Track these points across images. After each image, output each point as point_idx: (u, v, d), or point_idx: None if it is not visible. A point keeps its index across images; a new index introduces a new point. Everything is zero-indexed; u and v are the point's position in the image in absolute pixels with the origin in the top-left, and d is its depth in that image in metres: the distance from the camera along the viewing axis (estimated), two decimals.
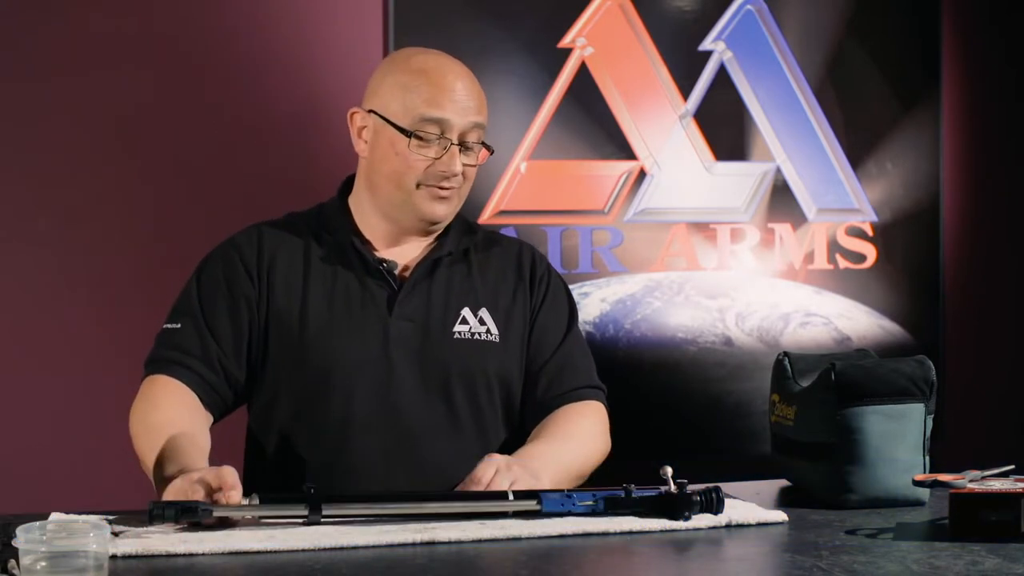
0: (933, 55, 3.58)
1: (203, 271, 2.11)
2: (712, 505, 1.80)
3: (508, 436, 2.12)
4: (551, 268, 2.23)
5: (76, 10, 3.03)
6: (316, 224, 2.13)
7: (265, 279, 2.07)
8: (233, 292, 2.06)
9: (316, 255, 2.09)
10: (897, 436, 1.94)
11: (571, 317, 2.20)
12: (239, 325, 2.05)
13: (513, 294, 2.15)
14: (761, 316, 3.47)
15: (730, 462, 3.33)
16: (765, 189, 3.46)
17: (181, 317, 2.06)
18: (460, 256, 2.14)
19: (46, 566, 1.40)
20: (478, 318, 2.11)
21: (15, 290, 3.02)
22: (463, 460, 2.01)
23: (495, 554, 1.65)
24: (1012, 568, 1.54)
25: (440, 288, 2.10)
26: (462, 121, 2.05)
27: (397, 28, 3.17)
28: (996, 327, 3.69)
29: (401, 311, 2.06)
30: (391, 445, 2.03)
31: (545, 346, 2.15)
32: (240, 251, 2.09)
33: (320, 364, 2.04)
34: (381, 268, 2.08)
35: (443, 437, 2.06)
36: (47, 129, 3.02)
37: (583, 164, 3.33)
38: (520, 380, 2.14)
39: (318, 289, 2.07)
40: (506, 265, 2.18)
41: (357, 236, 2.10)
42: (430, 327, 2.07)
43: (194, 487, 1.75)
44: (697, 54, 3.41)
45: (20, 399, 3.02)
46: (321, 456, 2.02)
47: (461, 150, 2.06)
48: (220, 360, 2.03)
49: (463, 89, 2.06)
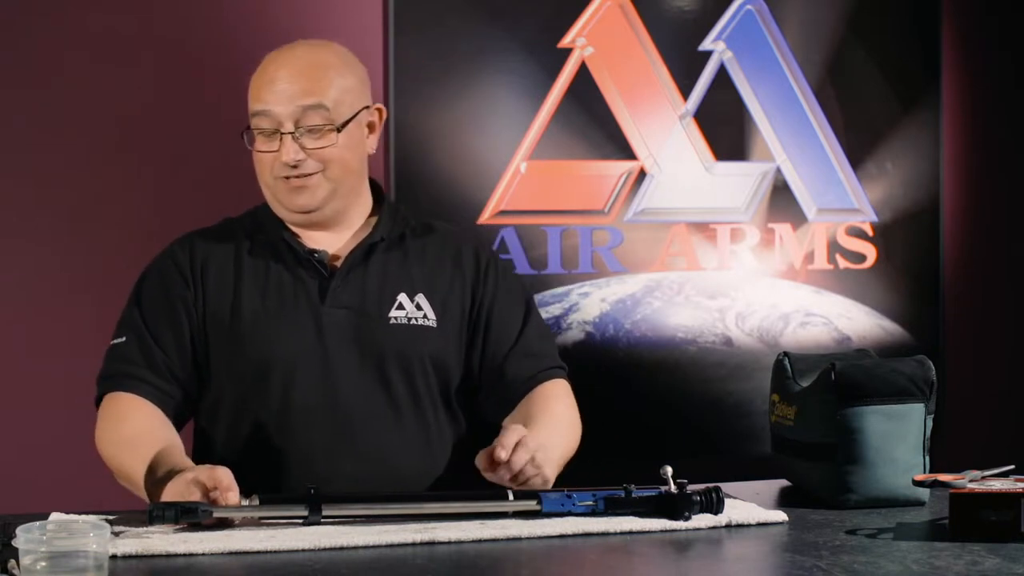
0: (933, 55, 3.58)
1: (142, 284, 2.14)
2: (712, 505, 1.80)
3: (446, 423, 2.13)
4: (496, 257, 2.23)
5: (75, 9, 3.03)
6: (251, 225, 2.16)
7: (200, 281, 2.09)
8: (171, 299, 2.09)
9: (249, 254, 2.11)
10: (897, 436, 1.94)
11: (526, 301, 2.21)
12: (180, 330, 2.07)
13: (451, 281, 2.15)
14: (761, 316, 3.47)
15: (730, 462, 3.33)
16: (765, 189, 3.46)
17: (126, 331, 2.09)
18: (395, 242, 2.14)
19: (46, 566, 1.40)
20: (415, 303, 2.11)
21: (15, 289, 3.02)
22: (404, 447, 2.05)
23: (495, 554, 1.65)
24: (1012, 568, 1.54)
25: (375, 274, 2.10)
26: (287, 108, 2.04)
27: (397, 28, 3.17)
28: (996, 327, 3.69)
29: (334, 299, 2.07)
30: (332, 434, 2.04)
31: (506, 336, 2.15)
32: (174, 258, 2.12)
33: (256, 357, 2.05)
34: (312, 258, 2.09)
35: (383, 424, 2.06)
36: (47, 129, 3.02)
37: (583, 164, 3.33)
38: (458, 370, 2.14)
39: (250, 285, 2.09)
40: (444, 252, 2.17)
41: (287, 231, 2.12)
42: (365, 313, 2.08)
43: (190, 488, 1.75)
44: (697, 54, 3.41)
45: (20, 399, 3.02)
46: (264, 449, 2.03)
47: (302, 135, 2.04)
48: (169, 368, 2.06)
49: (287, 76, 2.05)
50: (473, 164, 3.24)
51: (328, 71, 2.08)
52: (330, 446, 2.03)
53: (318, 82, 2.06)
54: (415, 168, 3.18)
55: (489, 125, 3.26)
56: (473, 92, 3.24)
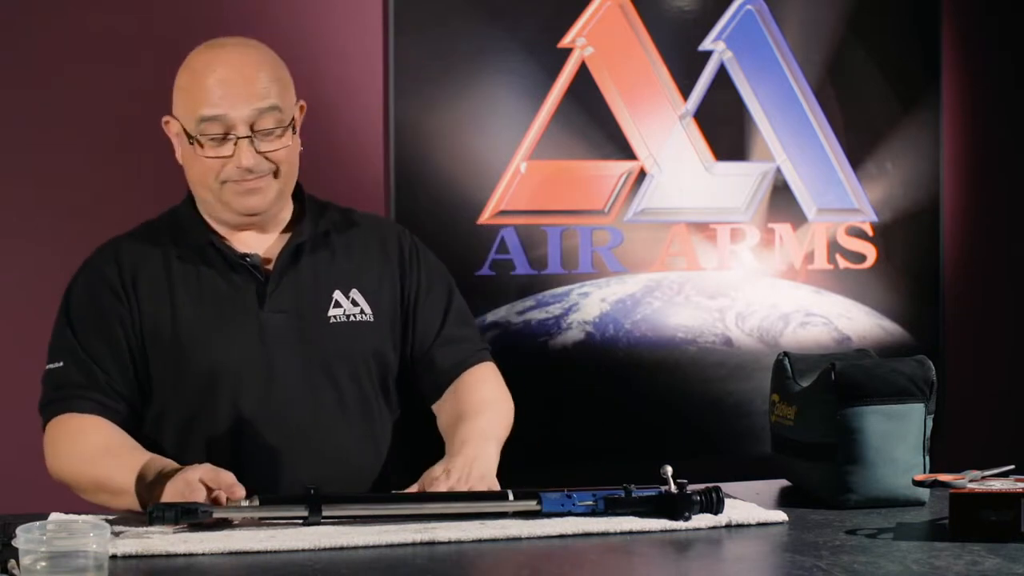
0: (933, 55, 3.58)
1: (69, 303, 2.07)
2: (712, 505, 1.80)
3: (386, 411, 2.13)
4: (418, 244, 2.21)
5: (75, 9, 3.02)
6: (173, 229, 2.10)
7: (132, 294, 2.04)
8: (104, 315, 2.03)
9: (177, 259, 2.06)
10: (897, 436, 1.94)
11: (448, 290, 2.20)
12: (118, 347, 2.02)
13: (380, 273, 2.14)
14: (761, 316, 3.47)
15: (730, 462, 3.33)
16: (765, 189, 3.46)
17: (61, 355, 2.03)
18: (321, 240, 2.11)
19: (46, 566, 1.40)
20: (350, 299, 2.09)
21: (15, 289, 3.02)
22: (355, 443, 2.05)
23: (495, 554, 1.65)
24: (1012, 568, 1.54)
25: (307, 274, 2.08)
26: (245, 111, 1.98)
27: (397, 28, 3.17)
28: (996, 327, 3.69)
29: (272, 303, 2.04)
30: (283, 440, 2.01)
31: (431, 326, 2.15)
32: (102, 274, 2.06)
33: (199, 368, 2.01)
34: (244, 262, 2.05)
35: (332, 424, 2.05)
36: (47, 129, 3.02)
37: (583, 164, 3.33)
38: (395, 359, 2.13)
39: (184, 293, 2.03)
40: (369, 243, 2.15)
41: (213, 234, 2.07)
42: (304, 315, 2.05)
43: (192, 488, 1.75)
44: (697, 54, 3.41)
45: (20, 399, 3.02)
46: (215, 459, 1.96)
47: (257, 138, 1.99)
48: (110, 384, 2.00)
49: (239, 79, 1.98)
50: (473, 164, 3.24)
51: (273, 70, 2.03)
52: (283, 452, 2.01)
53: (270, 83, 2.01)
54: (415, 168, 3.18)
55: (489, 125, 3.26)
56: (473, 92, 3.23)
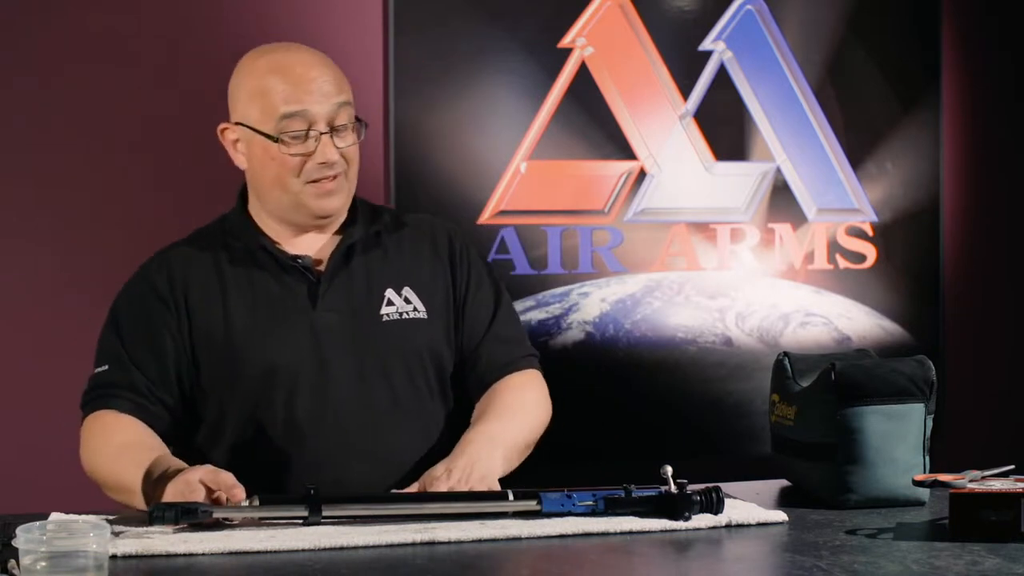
0: (933, 55, 3.58)
1: (118, 310, 2.09)
2: (712, 505, 1.80)
3: (441, 407, 2.13)
4: (467, 242, 2.22)
5: (75, 9, 3.02)
6: (223, 235, 2.12)
7: (183, 303, 2.05)
8: (151, 325, 2.05)
9: (229, 264, 2.07)
10: (897, 436, 1.94)
11: (497, 290, 2.20)
12: (162, 356, 2.03)
13: (432, 270, 2.14)
14: (761, 316, 3.47)
15: (730, 462, 3.33)
16: (765, 189, 3.46)
17: (106, 359, 2.05)
18: (372, 240, 2.13)
19: (46, 566, 1.40)
20: (403, 297, 2.10)
21: (15, 289, 3.02)
22: (410, 441, 2.05)
23: (495, 554, 1.65)
24: (1012, 568, 1.54)
25: (360, 274, 2.09)
26: (324, 107, 2.02)
27: (397, 28, 3.17)
28: (996, 327, 3.69)
29: (325, 303, 2.05)
30: (339, 438, 2.02)
31: (478, 325, 2.15)
32: (151, 283, 2.07)
33: (254, 371, 2.02)
34: (296, 264, 2.06)
35: (387, 422, 2.06)
36: (47, 129, 3.02)
37: (583, 164, 3.33)
38: (450, 356, 2.14)
39: (237, 298, 2.05)
40: (420, 242, 2.16)
41: (265, 237, 2.09)
42: (357, 314, 2.06)
43: (192, 487, 1.75)
44: (697, 54, 3.41)
45: (20, 399, 3.02)
46: (272, 460, 2.01)
47: (333, 134, 2.03)
48: (149, 389, 2.02)
49: (318, 75, 2.03)
50: (473, 164, 3.24)
51: (337, 69, 2.08)
52: (338, 450, 2.02)
53: (340, 80, 2.06)
54: (415, 168, 3.18)
55: (489, 125, 3.26)
56: (473, 92, 3.23)
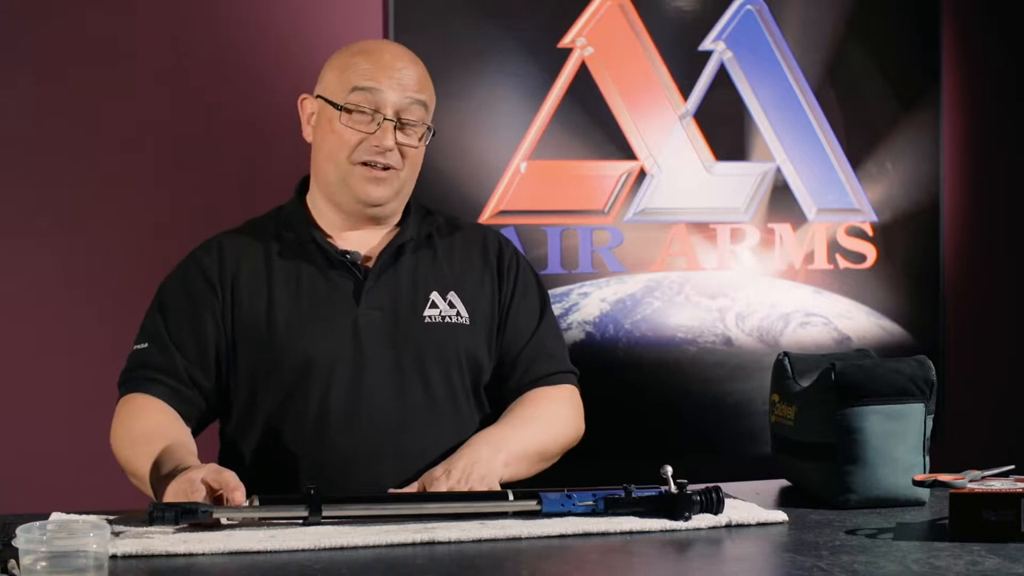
0: (933, 55, 3.58)
1: (165, 289, 2.12)
2: (712, 505, 1.80)
3: (476, 412, 2.13)
4: (518, 253, 2.23)
5: (75, 9, 3.03)
6: (276, 225, 2.14)
7: (229, 288, 2.07)
8: (195, 306, 2.07)
9: (278, 255, 2.10)
10: (897, 436, 1.94)
11: (543, 302, 2.21)
12: (203, 337, 2.05)
13: (480, 278, 2.15)
14: (761, 316, 3.47)
15: (730, 462, 3.33)
16: (765, 189, 3.46)
17: (147, 338, 2.07)
18: (423, 241, 2.14)
19: (46, 566, 1.40)
20: (447, 301, 2.11)
21: (16, 290, 3.02)
22: (442, 443, 2.04)
23: (495, 554, 1.65)
24: (1012, 568, 1.54)
25: (407, 274, 2.10)
26: (397, 96, 2.04)
27: (397, 28, 3.17)
28: (996, 327, 3.69)
29: (368, 300, 2.06)
30: (372, 436, 2.03)
31: (520, 334, 2.16)
32: (200, 265, 2.10)
33: (293, 362, 2.04)
34: (344, 259, 2.08)
35: (421, 422, 2.06)
36: (47, 129, 3.02)
37: (583, 164, 3.33)
38: (489, 364, 2.14)
39: (283, 288, 2.07)
40: (472, 250, 2.18)
41: (317, 230, 2.11)
42: (400, 313, 2.07)
43: (194, 487, 1.75)
44: (697, 54, 3.41)
45: (21, 399, 3.02)
46: (303, 454, 2.02)
47: (398, 127, 2.05)
48: (188, 371, 2.04)
49: (401, 67, 2.06)
50: (473, 164, 3.24)
51: (427, 76, 2.11)
52: (370, 448, 2.03)
53: (424, 80, 2.09)
54: None
55: (489, 125, 3.26)
56: (473, 92, 3.24)
